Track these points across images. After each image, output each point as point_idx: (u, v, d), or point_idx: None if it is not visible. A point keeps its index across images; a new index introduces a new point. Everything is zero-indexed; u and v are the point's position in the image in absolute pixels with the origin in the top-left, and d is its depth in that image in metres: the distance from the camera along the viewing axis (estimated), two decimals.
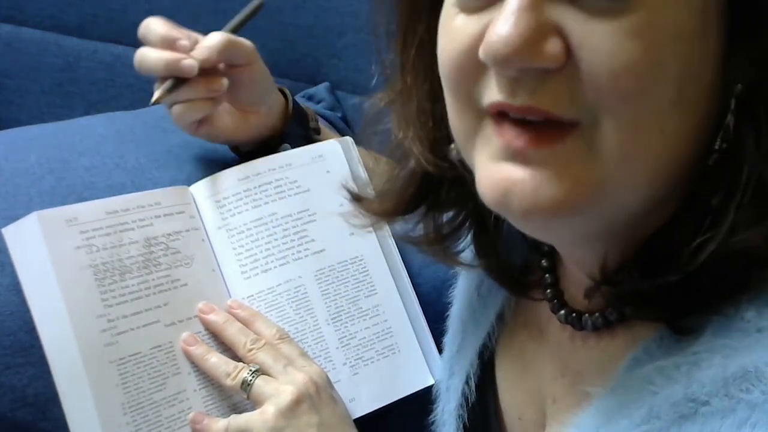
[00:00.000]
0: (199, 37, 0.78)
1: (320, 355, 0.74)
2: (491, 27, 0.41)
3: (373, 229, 0.63)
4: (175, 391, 0.68)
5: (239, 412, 0.69)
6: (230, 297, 0.74)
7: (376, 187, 0.63)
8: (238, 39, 0.79)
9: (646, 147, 0.42)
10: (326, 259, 0.77)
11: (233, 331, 0.71)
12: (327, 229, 0.78)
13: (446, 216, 0.60)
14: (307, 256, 0.77)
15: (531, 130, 0.43)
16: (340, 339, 0.76)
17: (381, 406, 0.75)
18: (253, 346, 0.70)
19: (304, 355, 0.72)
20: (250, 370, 0.68)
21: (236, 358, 0.70)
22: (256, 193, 0.77)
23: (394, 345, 0.77)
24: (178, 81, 0.76)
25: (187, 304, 0.71)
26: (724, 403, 0.41)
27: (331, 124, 1.00)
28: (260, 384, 0.67)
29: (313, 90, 1.15)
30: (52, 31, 1.26)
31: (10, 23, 1.26)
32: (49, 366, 0.64)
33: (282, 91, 0.87)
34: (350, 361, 0.76)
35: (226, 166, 0.80)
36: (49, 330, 0.65)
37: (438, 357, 0.77)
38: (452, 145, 0.52)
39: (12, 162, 0.77)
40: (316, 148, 0.82)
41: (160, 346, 0.69)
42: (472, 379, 0.65)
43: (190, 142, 0.88)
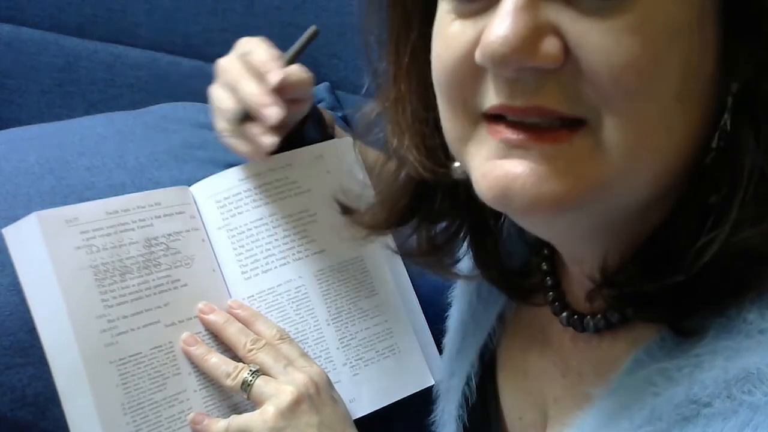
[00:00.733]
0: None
1: (321, 356, 0.74)
2: (488, 29, 0.41)
3: (365, 241, 0.62)
4: (175, 391, 0.68)
5: (239, 413, 0.69)
6: (230, 297, 0.74)
7: (374, 188, 0.63)
8: (309, 75, 0.76)
9: (652, 144, 0.42)
10: (327, 260, 0.77)
11: (233, 332, 0.71)
12: (327, 230, 0.78)
13: (440, 226, 0.59)
14: (307, 256, 0.77)
15: (529, 129, 0.43)
16: (340, 339, 0.76)
17: (381, 407, 0.75)
18: (253, 347, 0.70)
19: (305, 355, 0.72)
20: (251, 371, 0.68)
21: (236, 358, 0.70)
22: (256, 194, 0.77)
23: (395, 345, 0.77)
24: (247, 116, 0.73)
25: (187, 305, 0.71)
26: (726, 404, 0.41)
27: None
28: (260, 384, 0.67)
29: (313, 90, 1.15)
30: (52, 31, 1.26)
31: (10, 23, 1.27)
32: (49, 366, 0.64)
33: None
34: (351, 362, 0.76)
35: (227, 166, 0.79)
36: (49, 330, 0.65)
37: (438, 357, 0.77)
38: (456, 164, 0.52)
39: (12, 162, 0.77)
40: (316, 148, 0.82)
41: (160, 347, 0.69)
42: (473, 380, 0.65)
43: (190, 142, 0.88)
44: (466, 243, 0.61)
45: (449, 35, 0.45)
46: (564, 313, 0.56)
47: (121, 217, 0.70)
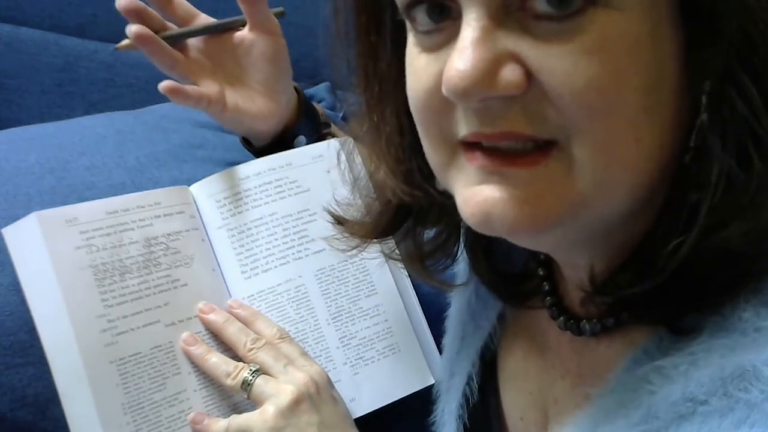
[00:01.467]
0: None
1: (321, 355, 0.74)
2: (448, 63, 0.42)
3: (357, 251, 0.63)
4: (175, 391, 0.68)
5: (239, 412, 0.69)
6: (230, 297, 0.74)
7: (360, 194, 0.63)
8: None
9: (623, 158, 0.42)
10: (326, 259, 0.77)
11: (233, 331, 0.71)
12: (327, 229, 0.78)
13: (429, 234, 0.60)
14: (307, 255, 0.77)
15: (504, 155, 0.43)
16: (340, 339, 0.76)
17: (381, 406, 0.75)
18: (253, 346, 0.70)
19: (305, 354, 0.72)
20: (251, 370, 0.68)
21: (237, 358, 0.70)
22: (256, 193, 0.77)
23: (395, 345, 0.77)
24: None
25: (187, 304, 0.71)
26: (723, 402, 0.41)
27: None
28: (260, 383, 0.67)
29: (313, 90, 1.15)
30: (52, 31, 1.26)
31: (10, 23, 1.26)
32: (49, 366, 0.64)
33: (295, 88, 0.87)
34: (351, 361, 0.76)
35: (227, 165, 0.80)
36: (49, 330, 0.65)
37: (438, 357, 0.77)
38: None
39: (12, 162, 0.77)
40: (316, 148, 0.82)
41: (160, 346, 0.68)
42: (474, 380, 0.65)
43: (190, 141, 0.88)
44: (458, 250, 0.61)
45: (418, 68, 0.46)
46: (561, 318, 0.56)
47: (121, 217, 0.70)
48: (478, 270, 0.62)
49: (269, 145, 0.84)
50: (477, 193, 0.44)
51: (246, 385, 0.67)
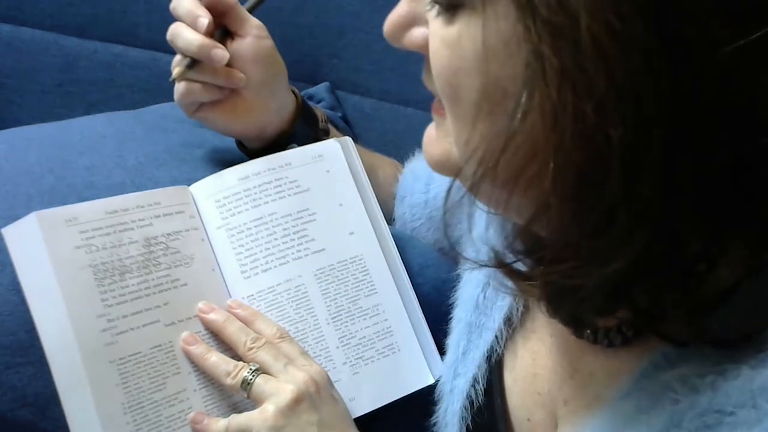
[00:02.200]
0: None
1: (320, 355, 0.74)
2: None
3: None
4: (175, 390, 0.68)
5: (239, 412, 0.69)
6: (230, 296, 0.74)
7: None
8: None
9: (470, 139, 0.45)
10: (326, 259, 0.77)
11: (233, 330, 0.71)
12: (327, 229, 0.78)
13: None
14: (307, 255, 0.77)
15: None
16: (340, 338, 0.76)
17: (381, 405, 0.75)
18: (253, 345, 0.70)
19: (305, 354, 0.72)
20: (251, 369, 0.68)
21: (236, 357, 0.70)
22: (255, 193, 0.77)
23: (395, 344, 0.77)
24: (196, 60, 0.77)
25: (187, 304, 0.71)
26: (751, 414, 0.40)
27: (331, 123, 1.00)
28: (260, 383, 0.67)
29: (313, 90, 1.15)
30: (52, 31, 1.26)
31: (10, 23, 1.26)
32: (49, 365, 0.64)
33: (294, 93, 0.87)
34: (350, 361, 0.76)
35: (226, 165, 0.80)
36: (49, 330, 0.65)
37: (438, 356, 0.77)
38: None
39: (12, 162, 0.77)
40: (316, 148, 0.82)
41: (160, 346, 0.69)
42: (480, 382, 0.65)
43: (190, 141, 0.88)
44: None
45: None
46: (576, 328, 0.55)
47: (121, 217, 0.70)
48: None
49: (263, 149, 0.84)
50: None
51: (246, 385, 0.67)
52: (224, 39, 0.79)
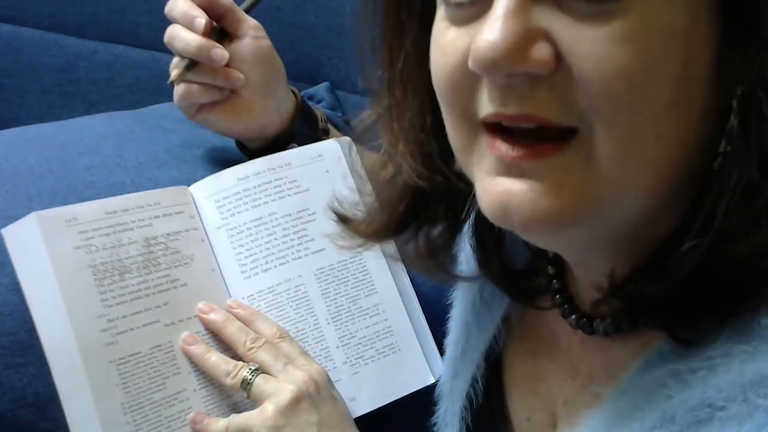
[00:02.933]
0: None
1: (320, 354, 0.74)
2: (478, 34, 0.41)
3: (363, 250, 0.62)
4: (175, 390, 0.68)
5: (239, 412, 0.69)
6: (230, 296, 0.74)
7: (373, 193, 0.62)
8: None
9: (642, 154, 0.41)
10: (326, 258, 0.77)
11: (233, 330, 0.71)
12: (327, 229, 0.78)
13: (437, 229, 0.59)
14: (306, 255, 0.77)
15: (524, 144, 0.42)
16: (340, 338, 0.76)
17: (382, 405, 0.75)
18: (253, 345, 0.70)
19: (305, 353, 0.72)
20: (250, 369, 0.68)
21: (236, 357, 0.70)
22: (255, 193, 0.77)
23: (395, 344, 0.77)
24: (194, 61, 0.77)
25: (186, 304, 0.71)
26: (742, 408, 0.40)
27: (331, 123, 1.00)
28: (260, 383, 0.67)
29: (313, 90, 1.15)
30: (52, 31, 1.26)
31: (10, 23, 1.27)
32: (49, 366, 0.64)
33: (294, 93, 0.87)
34: (350, 360, 0.76)
35: (226, 165, 0.80)
36: (49, 330, 0.65)
37: (438, 356, 0.77)
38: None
39: (12, 162, 0.77)
40: (316, 148, 0.82)
41: (159, 346, 0.69)
42: (479, 382, 0.65)
43: (190, 141, 0.88)
44: (469, 246, 0.61)
45: (445, 43, 0.45)
46: (573, 316, 0.55)
47: (121, 217, 0.70)
48: (487, 266, 0.61)
49: (262, 149, 0.84)
50: (497, 184, 0.44)
51: (246, 384, 0.67)
52: (221, 40, 0.79)
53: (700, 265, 0.43)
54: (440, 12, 0.46)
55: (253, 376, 0.67)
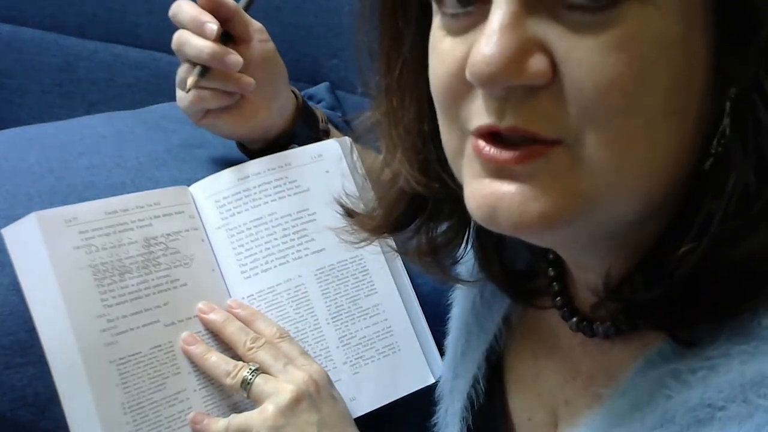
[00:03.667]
0: None
1: (320, 354, 0.74)
2: (475, 47, 0.41)
3: (366, 244, 0.62)
4: (175, 390, 0.68)
5: (239, 412, 0.69)
6: (230, 297, 0.74)
7: (373, 187, 0.62)
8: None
9: (636, 160, 0.42)
10: (326, 258, 0.77)
11: (233, 330, 0.71)
12: (327, 229, 0.78)
13: (440, 228, 0.59)
14: (306, 255, 0.77)
15: (512, 147, 0.42)
16: (340, 338, 0.76)
17: (381, 405, 0.75)
18: (253, 345, 0.70)
19: (305, 353, 0.72)
20: (250, 369, 0.68)
21: (236, 357, 0.70)
22: (255, 193, 0.77)
23: (395, 344, 0.78)
24: (206, 67, 0.76)
25: (186, 304, 0.71)
26: (742, 408, 0.40)
27: (331, 123, 1.00)
28: (260, 383, 0.67)
29: (313, 90, 1.15)
30: (52, 31, 1.26)
31: (10, 23, 1.27)
32: (49, 366, 0.64)
33: (294, 93, 0.87)
34: (350, 360, 0.76)
35: (226, 165, 0.80)
36: (49, 330, 0.65)
37: (438, 356, 0.77)
38: None
39: (12, 162, 0.77)
40: (316, 148, 0.82)
41: (159, 346, 0.69)
42: (480, 382, 0.65)
43: (190, 141, 0.88)
44: (467, 246, 0.60)
45: (442, 51, 0.45)
46: (573, 319, 0.55)
47: (121, 217, 0.70)
48: (487, 267, 0.61)
49: (263, 150, 0.84)
50: (485, 186, 0.44)
51: (246, 384, 0.67)
52: (226, 44, 0.78)
53: (697, 268, 0.43)
54: (436, 21, 0.46)
55: (253, 376, 0.67)
